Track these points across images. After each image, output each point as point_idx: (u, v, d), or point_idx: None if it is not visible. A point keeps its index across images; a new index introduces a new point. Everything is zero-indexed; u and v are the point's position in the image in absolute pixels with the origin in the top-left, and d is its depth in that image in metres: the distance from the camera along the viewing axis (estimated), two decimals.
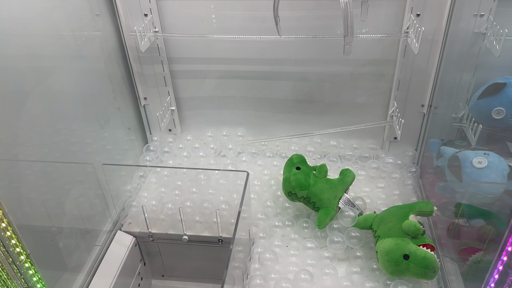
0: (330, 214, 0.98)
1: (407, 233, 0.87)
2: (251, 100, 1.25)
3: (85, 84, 1.03)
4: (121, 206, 1.13)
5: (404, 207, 0.93)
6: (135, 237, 1.10)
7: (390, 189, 1.13)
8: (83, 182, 1.03)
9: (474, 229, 0.94)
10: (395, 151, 1.23)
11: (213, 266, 1.16)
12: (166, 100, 1.23)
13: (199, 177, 1.14)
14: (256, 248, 1.00)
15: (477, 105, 1.00)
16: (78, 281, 0.95)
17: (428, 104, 1.11)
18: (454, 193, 0.98)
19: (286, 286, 0.87)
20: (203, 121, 1.31)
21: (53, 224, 0.92)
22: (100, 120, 1.10)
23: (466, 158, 0.92)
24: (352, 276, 0.91)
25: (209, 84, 1.23)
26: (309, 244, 0.98)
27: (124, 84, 1.19)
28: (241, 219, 0.95)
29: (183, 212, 1.03)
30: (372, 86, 1.17)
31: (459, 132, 1.08)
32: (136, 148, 1.28)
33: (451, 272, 0.93)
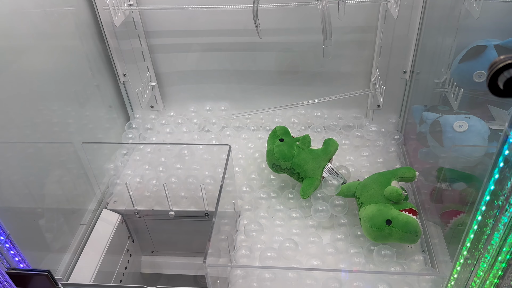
0: (314, 184, 0.98)
1: (389, 199, 0.88)
2: (234, 73, 1.23)
3: (61, 63, 1.00)
4: (105, 185, 1.13)
5: (386, 174, 0.94)
6: (121, 214, 1.10)
7: (374, 157, 1.13)
8: (65, 162, 1.02)
9: (456, 193, 0.95)
10: (378, 119, 1.23)
11: (201, 240, 1.16)
12: (145, 75, 1.20)
13: (183, 153, 1.13)
14: (242, 220, 1.01)
15: (458, 69, 0.99)
16: (64, 260, 0.95)
17: (410, 70, 1.11)
18: (436, 158, 0.98)
19: (271, 255, 0.88)
20: (185, 96, 1.29)
21: (37, 205, 0.92)
22: (80, 99, 1.08)
23: (447, 123, 0.92)
24: (337, 243, 0.92)
25: (190, 58, 1.21)
26: (294, 214, 0.99)
27: (102, 61, 1.16)
28: (226, 193, 0.95)
29: (168, 188, 1.02)
30: (355, 54, 1.15)
31: (442, 98, 1.08)
32: (118, 126, 1.26)
33: (434, 236, 0.94)
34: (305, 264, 0.88)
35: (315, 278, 0.85)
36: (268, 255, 0.88)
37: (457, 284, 0.64)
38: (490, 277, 0.59)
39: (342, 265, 0.88)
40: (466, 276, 0.61)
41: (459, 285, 0.63)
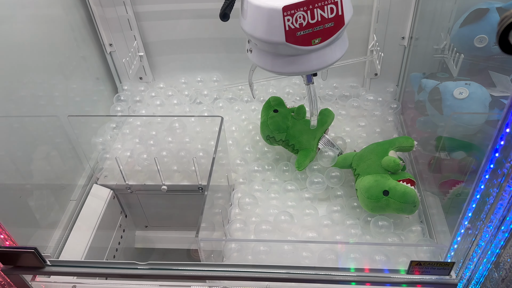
0: (309, 155, 0.95)
1: (387, 169, 0.86)
2: (226, 42, 1.18)
3: (43, 33, 0.95)
4: (94, 160, 1.10)
5: (384, 144, 0.91)
6: (112, 190, 1.07)
7: (371, 127, 1.10)
8: (52, 136, 0.98)
9: (455, 162, 0.93)
10: (376, 88, 1.19)
11: (196, 214, 1.14)
12: (132, 45, 1.15)
13: (174, 125, 1.09)
14: (236, 193, 0.99)
15: (459, 34, 0.95)
16: (54, 237, 0.93)
17: (408, 36, 1.06)
18: (435, 126, 0.96)
19: (266, 228, 0.86)
20: (175, 67, 1.24)
21: (25, 181, 0.89)
22: (65, 71, 1.04)
23: (447, 90, 0.89)
24: (333, 215, 0.91)
25: (179, 26, 1.15)
26: (289, 187, 0.96)
27: (87, 30, 1.11)
28: (219, 166, 0.92)
29: (159, 162, 1.00)
30: (352, 20, 1.09)
31: (441, 64, 1.04)
32: (106, 98, 1.22)
33: (432, 206, 0.92)
34: (301, 237, 0.86)
35: (311, 250, 0.83)
36: (263, 228, 0.87)
37: (457, 255, 0.62)
38: (491, 247, 0.57)
39: (338, 237, 0.87)
40: (467, 246, 0.59)
41: (459, 255, 0.62)
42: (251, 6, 0.72)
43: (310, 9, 0.69)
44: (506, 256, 0.57)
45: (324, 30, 0.72)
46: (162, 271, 0.70)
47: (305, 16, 0.69)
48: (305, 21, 0.70)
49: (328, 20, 0.71)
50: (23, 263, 0.70)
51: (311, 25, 0.71)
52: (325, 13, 0.70)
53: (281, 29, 0.70)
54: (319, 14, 0.70)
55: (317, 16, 0.70)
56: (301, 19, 0.70)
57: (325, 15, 0.71)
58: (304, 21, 0.70)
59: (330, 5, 0.70)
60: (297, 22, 0.70)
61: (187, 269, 0.70)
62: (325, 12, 0.70)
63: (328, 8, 0.70)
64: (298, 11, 0.69)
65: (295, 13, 0.69)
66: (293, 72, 0.79)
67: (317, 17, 0.70)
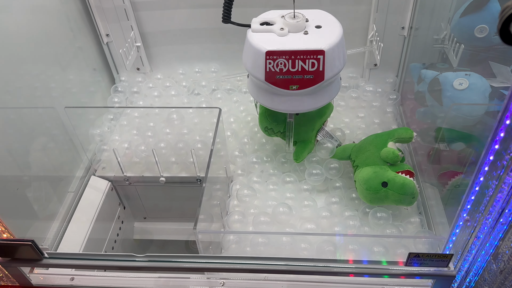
0: (307, 147, 0.95)
1: (386, 161, 0.85)
2: (224, 32, 1.17)
3: (40, 24, 0.94)
4: (92, 151, 1.09)
5: (383, 135, 0.91)
6: (110, 181, 1.07)
7: (370, 118, 1.09)
8: (50, 128, 0.98)
9: (454, 153, 0.93)
10: (375, 79, 1.19)
11: (194, 206, 1.14)
12: (129, 35, 1.14)
13: (172, 117, 1.09)
14: (235, 185, 0.98)
15: (459, 24, 0.94)
16: (53, 228, 0.93)
17: (408, 26, 1.05)
18: (435, 117, 0.95)
19: (264, 220, 0.86)
20: (173, 57, 1.23)
21: (23, 173, 0.88)
22: (62, 61, 1.03)
23: (446, 80, 0.88)
24: (331, 207, 0.90)
25: (177, 16, 1.14)
26: (288, 178, 0.96)
27: (83, 20, 1.10)
28: (217, 157, 0.92)
29: (157, 154, 0.99)
30: (351, 9, 1.09)
31: (441, 55, 1.03)
32: (104, 90, 1.21)
33: (431, 197, 0.92)
34: (299, 228, 0.86)
35: (310, 242, 0.83)
36: (261, 219, 0.86)
37: (455, 247, 0.62)
38: (490, 239, 0.57)
39: (336, 229, 0.86)
40: (465, 238, 0.59)
41: (457, 247, 0.62)
42: (247, 40, 0.80)
43: (292, 59, 0.75)
44: (504, 248, 0.56)
45: (303, 80, 0.77)
46: (160, 263, 0.70)
47: (286, 63, 0.76)
48: (285, 67, 0.76)
49: (308, 73, 0.77)
50: (21, 255, 0.69)
51: (291, 73, 0.77)
52: (306, 65, 0.76)
53: (262, 69, 0.77)
54: (300, 65, 0.76)
55: (298, 67, 0.76)
56: (281, 65, 0.76)
57: (306, 67, 0.76)
58: (285, 67, 0.76)
59: (312, 60, 0.75)
60: (278, 67, 0.76)
61: (185, 261, 0.69)
62: (306, 65, 0.76)
63: (310, 62, 0.75)
64: (280, 58, 0.75)
65: (277, 59, 0.75)
66: (273, 108, 0.85)
67: (298, 67, 0.76)
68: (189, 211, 1.16)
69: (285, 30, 0.79)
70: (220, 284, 0.76)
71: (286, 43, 0.77)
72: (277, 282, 0.76)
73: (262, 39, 0.78)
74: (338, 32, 0.79)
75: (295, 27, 0.79)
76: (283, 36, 0.79)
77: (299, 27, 0.79)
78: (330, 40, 0.77)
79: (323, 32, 0.79)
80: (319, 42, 0.76)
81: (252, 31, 0.81)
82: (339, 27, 0.80)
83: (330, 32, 0.79)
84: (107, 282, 0.77)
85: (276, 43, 0.77)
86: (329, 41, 0.76)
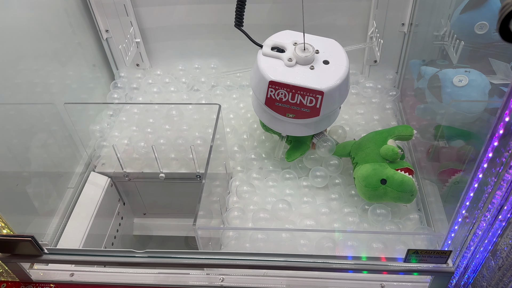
0: (300, 148, 0.95)
1: (385, 158, 0.85)
2: (224, 28, 1.16)
3: (39, 19, 0.94)
4: (92, 147, 1.09)
5: (383, 132, 0.91)
6: (110, 177, 1.07)
7: (370, 114, 1.09)
8: (49, 124, 0.98)
9: (454, 150, 0.93)
10: (375, 75, 1.18)
11: (194, 202, 1.15)
12: (129, 31, 1.14)
13: (172, 113, 1.09)
14: (234, 181, 0.98)
15: (459, 20, 0.93)
16: (52, 224, 0.93)
17: (408, 23, 1.05)
18: (434, 114, 0.95)
19: (264, 216, 0.86)
20: (172, 53, 1.23)
21: (22, 169, 0.88)
22: (61, 57, 1.02)
23: (446, 77, 0.88)
24: (331, 203, 0.90)
25: (177, 12, 1.14)
26: (287, 175, 0.96)
27: (82, 16, 1.09)
28: (217, 154, 0.92)
29: (157, 150, 0.99)
30: (351, 5, 1.09)
31: (441, 51, 1.03)
32: (103, 86, 1.21)
33: (430, 194, 0.92)
34: (299, 225, 0.87)
35: (309, 238, 0.83)
36: (261, 216, 0.86)
37: (454, 243, 0.62)
38: (489, 236, 0.57)
39: (336, 225, 0.87)
40: (464, 235, 0.59)
41: (456, 244, 0.62)
42: (256, 60, 0.84)
43: (292, 92, 0.80)
44: (503, 245, 0.57)
45: (299, 112, 0.82)
46: (160, 259, 0.70)
47: (286, 94, 0.81)
48: (285, 97, 0.81)
49: (305, 106, 0.81)
50: (21, 251, 0.70)
51: (289, 103, 0.82)
52: (304, 100, 0.80)
53: (264, 93, 0.82)
54: (299, 99, 0.80)
55: (297, 100, 0.81)
56: (281, 95, 0.81)
57: (304, 102, 0.81)
58: (285, 97, 0.81)
59: (311, 97, 0.80)
60: (278, 96, 0.81)
61: (184, 257, 0.70)
62: (304, 100, 0.80)
63: (308, 98, 0.80)
64: (281, 89, 0.80)
65: (278, 89, 0.80)
66: (269, 126, 0.91)
67: (297, 100, 0.81)
68: (188, 207, 1.17)
69: (293, 62, 0.82)
70: (220, 280, 0.77)
71: (291, 76, 0.80)
72: (277, 278, 0.76)
73: (270, 67, 0.82)
74: (342, 73, 0.82)
75: (303, 61, 0.82)
76: (290, 66, 0.82)
77: (307, 60, 0.83)
78: (332, 81, 0.80)
79: (328, 71, 0.82)
80: (321, 82, 0.79)
81: (263, 54, 0.84)
82: (345, 66, 0.83)
83: (335, 72, 0.82)
84: (107, 278, 0.78)
85: (281, 74, 0.81)
86: (331, 82, 0.80)
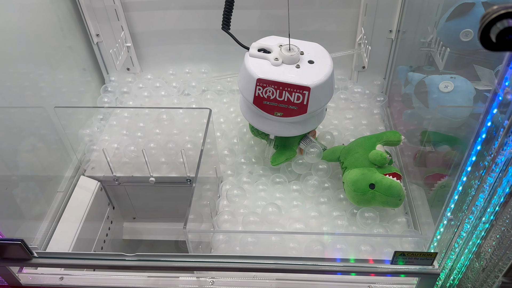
0: (286, 153, 0.95)
1: (374, 163, 0.87)
2: (214, 33, 1.17)
3: (29, 23, 0.94)
4: (81, 151, 1.09)
5: (371, 138, 0.92)
6: (99, 181, 1.06)
7: (358, 119, 1.11)
8: (39, 128, 0.97)
9: (440, 155, 0.94)
10: (363, 81, 1.20)
11: (184, 206, 1.14)
12: (120, 36, 1.14)
13: (162, 117, 1.09)
14: (225, 185, 0.99)
15: (445, 28, 0.96)
16: (41, 228, 0.93)
17: (396, 29, 1.07)
18: (421, 119, 0.97)
19: (254, 220, 0.87)
20: (163, 58, 1.23)
21: (11, 173, 0.88)
22: (51, 61, 1.02)
23: (432, 83, 0.90)
24: (320, 207, 0.92)
25: (167, 17, 1.14)
26: (277, 179, 0.97)
27: (73, 20, 1.09)
28: (207, 158, 0.92)
29: (147, 154, 0.99)
30: (340, 12, 1.11)
31: (428, 58, 1.05)
32: (93, 89, 1.21)
33: (417, 198, 0.94)
34: (288, 228, 0.87)
35: (298, 241, 0.84)
36: (251, 219, 0.87)
37: (439, 245, 0.64)
38: (473, 237, 0.58)
39: (325, 228, 0.88)
40: (449, 237, 0.61)
41: (441, 246, 0.63)
42: (243, 62, 0.85)
43: (279, 89, 0.81)
44: (486, 247, 0.58)
45: (287, 109, 0.83)
46: (150, 262, 0.70)
47: (274, 92, 0.81)
48: (273, 95, 0.82)
49: (293, 104, 0.82)
50: (10, 255, 0.69)
51: (277, 101, 0.82)
52: (292, 97, 0.81)
53: (252, 92, 0.82)
54: (286, 96, 0.81)
55: (284, 97, 0.81)
56: (269, 93, 0.82)
57: (291, 99, 0.81)
58: (272, 95, 0.82)
59: (298, 93, 0.81)
60: (266, 94, 0.82)
61: (175, 260, 0.70)
62: (292, 97, 0.81)
63: (296, 95, 0.81)
64: (269, 86, 0.81)
65: (266, 87, 0.81)
66: (257, 126, 0.91)
67: (284, 97, 0.82)
68: (179, 211, 1.17)
69: (279, 61, 0.83)
70: (210, 283, 0.77)
71: (278, 73, 0.81)
72: (266, 281, 0.76)
73: (257, 66, 0.83)
74: (327, 70, 0.83)
75: (289, 60, 0.84)
76: (276, 66, 0.83)
77: (293, 60, 0.84)
78: (318, 78, 0.81)
79: (313, 69, 0.84)
80: (307, 78, 0.81)
81: (250, 55, 0.86)
82: (330, 65, 0.85)
83: (320, 70, 0.83)
84: (97, 281, 0.78)
85: (268, 72, 0.82)
86: (317, 78, 0.81)
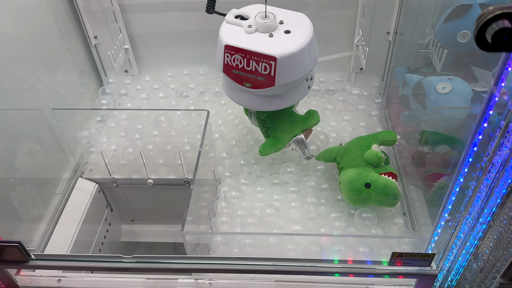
0: (275, 146, 0.93)
1: (369, 163, 0.87)
2: (212, 35, 1.15)
3: (27, 25, 0.94)
4: (79, 153, 1.09)
5: (367, 138, 0.92)
6: (97, 183, 1.06)
7: (356, 121, 1.11)
8: (37, 130, 0.97)
9: (439, 155, 0.95)
10: (361, 83, 1.20)
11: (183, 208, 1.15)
12: (118, 38, 1.14)
13: (160, 119, 1.09)
14: (223, 187, 0.99)
15: (442, 29, 0.96)
16: (39, 231, 0.92)
17: (393, 31, 1.07)
18: (419, 121, 0.97)
19: (252, 221, 0.87)
20: (161, 60, 1.23)
21: (9, 175, 0.88)
22: (49, 63, 1.02)
23: (430, 84, 0.90)
24: (318, 208, 0.91)
25: (166, 18, 1.14)
26: (275, 180, 0.97)
27: (71, 22, 1.10)
28: (206, 160, 0.92)
29: (145, 156, 0.99)
30: (338, 14, 1.11)
31: (425, 59, 1.06)
32: (92, 92, 1.21)
33: (415, 199, 0.94)
34: (286, 229, 0.87)
35: (296, 243, 0.84)
36: (249, 221, 0.87)
37: (437, 246, 0.64)
38: (470, 238, 0.59)
39: (323, 230, 0.88)
40: (447, 238, 0.61)
41: (439, 247, 0.63)
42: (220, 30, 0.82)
43: (246, 58, 0.78)
44: (484, 247, 0.58)
45: (256, 80, 0.80)
46: (148, 264, 0.70)
47: (241, 60, 0.79)
48: (241, 64, 0.79)
49: (260, 75, 0.79)
50: (8, 257, 0.69)
51: (245, 71, 0.80)
52: (259, 67, 0.78)
53: (222, 60, 0.81)
54: (253, 66, 0.78)
55: (252, 67, 0.79)
56: (237, 61, 0.79)
57: (259, 69, 0.78)
58: (240, 64, 0.79)
59: (264, 63, 0.77)
60: (234, 62, 0.79)
61: (173, 262, 0.70)
62: (259, 67, 0.78)
63: (263, 65, 0.78)
64: (236, 54, 0.78)
65: (234, 54, 0.78)
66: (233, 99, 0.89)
67: (252, 67, 0.79)
68: (177, 213, 1.16)
69: (252, 28, 0.80)
70: (208, 285, 0.77)
71: (247, 41, 0.78)
72: (264, 283, 0.76)
73: (228, 32, 0.80)
74: (301, 42, 0.77)
75: (263, 28, 0.79)
76: (249, 33, 0.80)
77: (267, 28, 0.79)
78: (287, 48, 0.76)
79: (287, 39, 0.78)
80: (275, 48, 0.76)
81: (226, 21, 0.83)
82: (306, 37, 0.78)
83: (293, 41, 0.78)
84: (94, 283, 0.77)
85: (238, 39, 0.78)
86: (285, 49, 0.76)
